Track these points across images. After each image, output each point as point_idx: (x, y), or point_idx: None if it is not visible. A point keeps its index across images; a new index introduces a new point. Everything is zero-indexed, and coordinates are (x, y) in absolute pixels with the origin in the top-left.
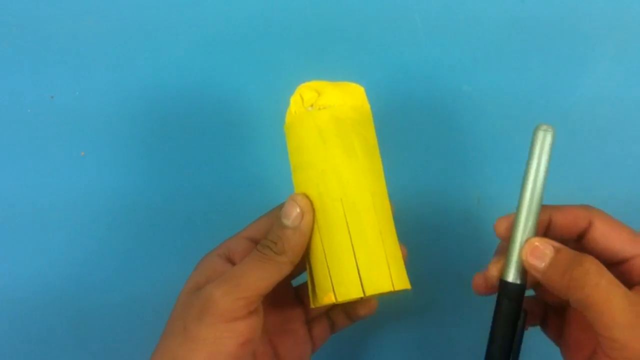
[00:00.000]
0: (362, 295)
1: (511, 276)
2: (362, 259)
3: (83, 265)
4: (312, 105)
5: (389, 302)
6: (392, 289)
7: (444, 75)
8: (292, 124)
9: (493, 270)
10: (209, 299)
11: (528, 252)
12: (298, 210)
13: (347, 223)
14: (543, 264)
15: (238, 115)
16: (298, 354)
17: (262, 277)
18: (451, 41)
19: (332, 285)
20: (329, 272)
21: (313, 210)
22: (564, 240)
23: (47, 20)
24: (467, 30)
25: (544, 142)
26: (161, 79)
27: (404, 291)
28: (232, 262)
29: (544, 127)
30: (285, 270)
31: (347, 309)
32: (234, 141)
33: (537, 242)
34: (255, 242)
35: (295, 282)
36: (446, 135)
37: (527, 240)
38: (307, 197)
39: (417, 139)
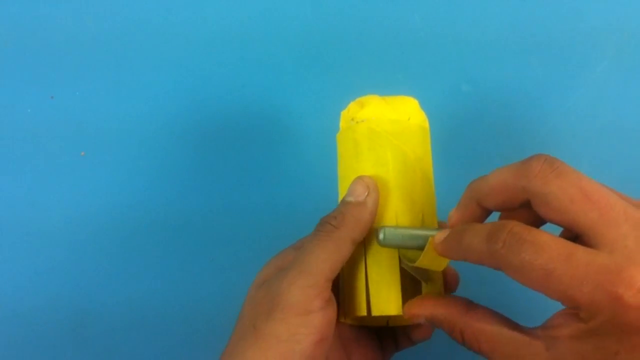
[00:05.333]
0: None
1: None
2: (371, 282)
3: (83, 265)
4: (352, 119)
5: None
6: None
7: (444, 75)
8: (338, 138)
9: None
10: (277, 292)
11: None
12: (364, 186)
13: (364, 243)
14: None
15: (243, 113)
16: None
17: (323, 257)
18: (451, 41)
19: (366, 300)
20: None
21: (378, 190)
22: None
23: (48, 21)
24: (467, 30)
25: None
26: (161, 78)
27: None
28: None
29: (380, 237)
30: (346, 248)
31: (406, 331)
32: (239, 139)
33: (415, 313)
34: None
35: None
36: (446, 135)
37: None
38: (374, 179)
39: None
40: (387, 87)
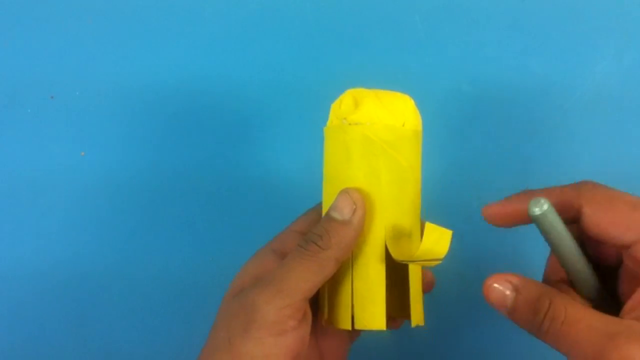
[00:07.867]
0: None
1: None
2: (356, 297)
3: (83, 264)
4: (345, 119)
5: None
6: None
7: (444, 75)
8: (327, 134)
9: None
10: (253, 308)
11: (486, 293)
12: (350, 203)
13: (352, 253)
14: (507, 306)
15: (240, 113)
16: (339, 350)
17: (305, 277)
18: (451, 41)
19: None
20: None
21: (365, 206)
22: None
23: (47, 20)
24: (467, 30)
25: (545, 221)
26: (161, 78)
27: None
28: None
29: (536, 209)
30: (330, 268)
31: None
32: (237, 140)
33: (494, 281)
34: None
35: None
36: (446, 135)
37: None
38: (361, 192)
39: None
40: (387, 87)
